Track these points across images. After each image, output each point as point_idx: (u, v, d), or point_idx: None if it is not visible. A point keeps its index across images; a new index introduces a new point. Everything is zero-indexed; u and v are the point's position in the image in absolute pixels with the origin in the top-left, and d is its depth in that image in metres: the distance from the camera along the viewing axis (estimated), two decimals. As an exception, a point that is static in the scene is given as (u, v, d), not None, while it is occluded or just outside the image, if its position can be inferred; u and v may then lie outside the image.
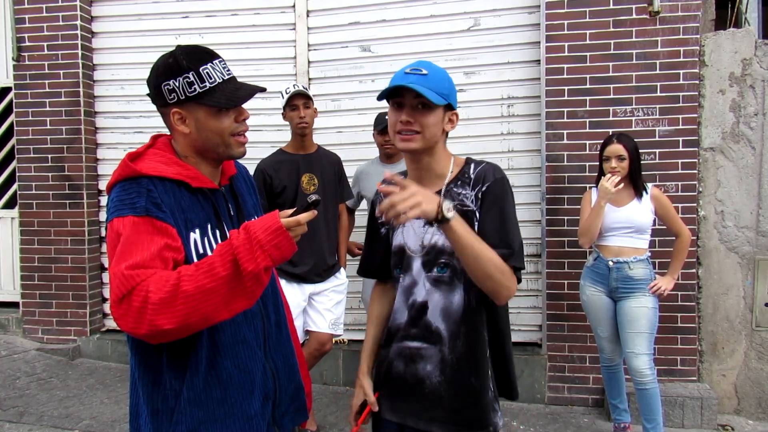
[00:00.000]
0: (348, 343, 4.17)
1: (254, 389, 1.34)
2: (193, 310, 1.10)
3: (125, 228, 1.18)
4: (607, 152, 2.99)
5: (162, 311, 1.09)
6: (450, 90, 1.60)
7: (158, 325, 1.09)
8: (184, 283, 1.11)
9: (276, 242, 1.15)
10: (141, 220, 1.19)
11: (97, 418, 3.43)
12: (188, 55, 1.30)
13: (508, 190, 1.54)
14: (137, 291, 1.10)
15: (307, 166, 3.18)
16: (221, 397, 1.28)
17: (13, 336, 4.62)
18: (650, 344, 2.93)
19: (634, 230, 2.97)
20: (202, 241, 1.28)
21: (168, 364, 1.26)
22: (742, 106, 3.55)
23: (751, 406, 3.61)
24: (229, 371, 1.29)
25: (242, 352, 1.32)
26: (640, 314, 2.92)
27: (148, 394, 1.29)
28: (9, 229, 4.83)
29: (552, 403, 3.74)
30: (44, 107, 4.42)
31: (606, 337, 3.11)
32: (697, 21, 3.54)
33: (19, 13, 4.42)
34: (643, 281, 2.95)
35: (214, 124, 1.31)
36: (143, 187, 1.22)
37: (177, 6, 4.38)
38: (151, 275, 1.12)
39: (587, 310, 3.18)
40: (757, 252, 3.56)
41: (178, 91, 1.29)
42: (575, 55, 3.65)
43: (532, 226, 3.91)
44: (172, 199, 1.25)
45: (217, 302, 1.12)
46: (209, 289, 1.11)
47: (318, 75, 4.22)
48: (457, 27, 4.00)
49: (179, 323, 1.10)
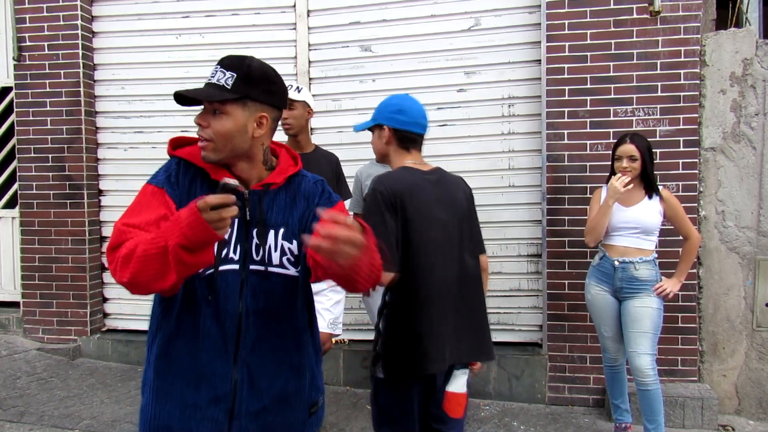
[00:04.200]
0: (348, 343, 4.17)
1: (200, 382, 1.36)
2: (139, 271, 1.21)
3: (143, 193, 1.37)
4: (619, 152, 2.96)
5: (125, 266, 1.22)
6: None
7: (121, 277, 1.23)
8: (140, 246, 1.21)
9: (189, 221, 1.15)
10: (157, 190, 1.36)
11: (97, 418, 3.44)
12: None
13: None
14: (125, 245, 1.24)
15: (306, 165, 3.14)
16: (165, 369, 1.39)
17: (14, 336, 4.62)
18: (654, 344, 2.91)
19: (641, 231, 2.94)
20: None
21: (158, 318, 1.43)
22: (742, 106, 3.54)
23: (752, 406, 3.60)
24: (178, 351, 1.38)
25: (200, 342, 1.36)
26: (645, 314, 2.89)
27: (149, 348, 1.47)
28: (9, 229, 4.83)
29: (552, 403, 3.74)
30: (45, 107, 4.42)
31: (610, 336, 3.09)
32: (697, 21, 3.53)
33: (20, 13, 4.42)
34: (648, 282, 2.92)
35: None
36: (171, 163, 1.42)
37: (177, 6, 4.38)
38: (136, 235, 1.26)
39: (591, 309, 3.16)
40: (758, 252, 3.56)
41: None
42: (576, 54, 3.65)
43: (532, 226, 3.91)
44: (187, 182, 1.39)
45: (156, 269, 1.20)
46: (151, 256, 1.20)
47: (318, 75, 4.22)
48: (457, 27, 4.00)
49: (130, 280, 1.22)
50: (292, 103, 3.11)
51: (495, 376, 3.81)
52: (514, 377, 3.81)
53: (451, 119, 4.04)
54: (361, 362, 4.05)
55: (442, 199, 2.06)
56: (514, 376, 3.80)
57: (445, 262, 2.02)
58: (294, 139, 3.17)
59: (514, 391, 3.81)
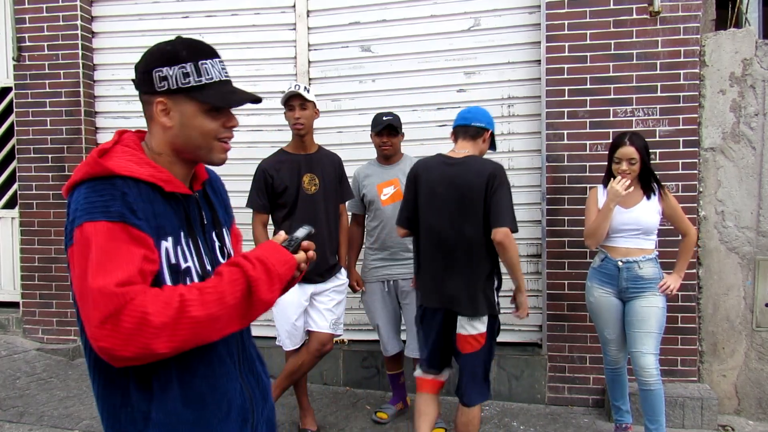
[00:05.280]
0: (348, 343, 4.17)
1: (231, 411, 1.24)
2: (195, 334, 1.06)
3: (98, 235, 1.05)
4: (619, 154, 2.91)
5: (161, 335, 1.02)
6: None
7: (152, 349, 1.01)
8: (192, 308, 1.05)
9: (288, 276, 1.17)
10: (116, 226, 1.06)
11: (97, 418, 3.43)
12: (189, 47, 1.23)
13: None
14: (128, 311, 1.00)
15: (308, 166, 3.18)
16: (193, 419, 1.19)
17: (13, 336, 4.62)
18: (658, 344, 2.89)
19: (642, 232, 2.92)
20: (174, 250, 1.18)
21: (135, 383, 1.16)
22: (742, 106, 3.55)
23: (752, 406, 3.61)
24: (200, 391, 1.20)
25: (217, 371, 1.23)
26: (650, 314, 2.87)
27: (113, 416, 1.18)
28: (9, 229, 4.83)
29: (552, 404, 3.74)
30: (44, 107, 4.42)
31: (613, 339, 3.05)
32: (697, 21, 3.54)
33: (20, 13, 4.42)
34: (653, 280, 2.91)
35: (200, 123, 1.22)
36: (118, 189, 1.09)
37: (177, 6, 4.38)
38: (142, 293, 1.03)
39: (594, 312, 3.10)
40: (758, 252, 3.56)
41: (170, 80, 1.19)
42: (576, 55, 3.65)
43: (532, 226, 3.91)
44: (147, 204, 1.13)
45: (218, 328, 1.09)
46: (217, 317, 1.08)
47: (318, 75, 4.22)
48: (457, 27, 4.00)
49: (176, 348, 1.04)
50: (305, 103, 3.12)
51: (495, 376, 3.80)
52: (514, 377, 3.81)
53: (451, 119, 3.97)
54: (361, 362, 4.06)
55: (449, 179, 2.60)
56: (513, 376, 3.81)
57: (442, 226, 2.61)
58: (301, 139, 3.17)
59: (513, 392, 3.82)
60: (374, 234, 3.40)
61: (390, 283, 3.37)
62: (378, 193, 3.36)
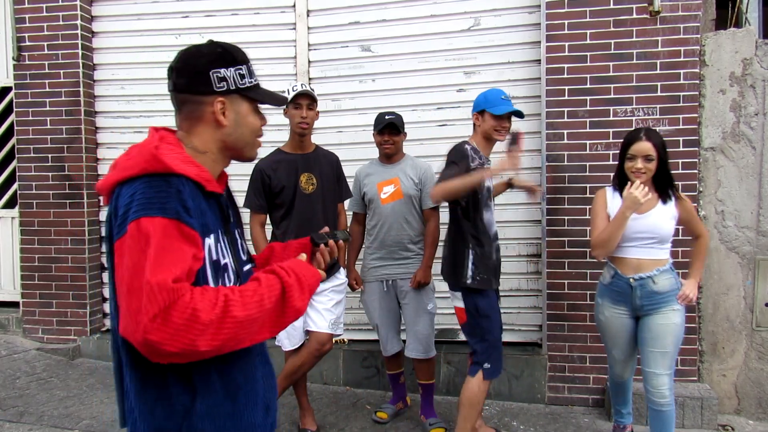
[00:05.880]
0: (348, 343, 4.18)
1: (258, 399, 1.30)
2: (234, 335, 1.08)
3: (156, 231, 1.06)
4: (633, 150, 2.60)
5: (206, 332, 1.03)
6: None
7: (196, 346, 1.03)
8: (234, 308, 1.07)
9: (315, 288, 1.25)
10: (171, 223, 1.08)
11: (97, 418, 3.43)
12: (236, 49, 1.29)
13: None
14: (179, 306, 1.02)
15: (306, 165, 3.18)
16: (231, 410, 1.23)
17: (13, 336, 4.63)
18: (673, 363, 2.63)
19: (656, 240, 2.62)
20: (215, 247, 1.22)
21: (175, 377, 1.17)
22: (742, 106, 3.54)
23: (752, 406, 3.60)
24: (237, 382, 1.24)
25: (248, 361, 1.29)
26: (667, 332, 2.59)
27: (148, 411, 1.18)
28: (9, 229, 4.83)
29: (552, 403, 3.74)
30: (44, 107, 4.43)
31: (622, 359, 2.83)
32: (697, 21, 3.53)
33: (19, 13, 4.42)
34: (670, 293, 2.62)
35: (252, 121, 1.32)
36: (173, 186, 1.11)
37: (177, 6, 4.38)
38: (190, 291, 1.05)
39: (604, 331, 2.84)
40: (758, 252, 3.56)
41: (229, 81, 1.25)
42: (575, 54, 3.65)
43: (532, 226, 3.91)
44: (195, 202, 1.16)
45: (253, 331, 1.12)
46: (255, 319, 1.11)
47: (318, 75, 4.22)
48: (457, 27, 4.00)
49: (215, 348, 1.06)
50: (312, 104, 3.13)
51: (495, 376, 3.81)
52: (514, 377, 3.81)
53: (451, 119, 4.04)
54: (361, 362, 4.06)
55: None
56: (513, 375, 3.80)
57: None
58: (300, 138, 3.17)
59: (513, 391, 3.81)
60: (373, 233, 3.40)
61: (389, 283, 3.37)
62: (378, 191, 3.36)
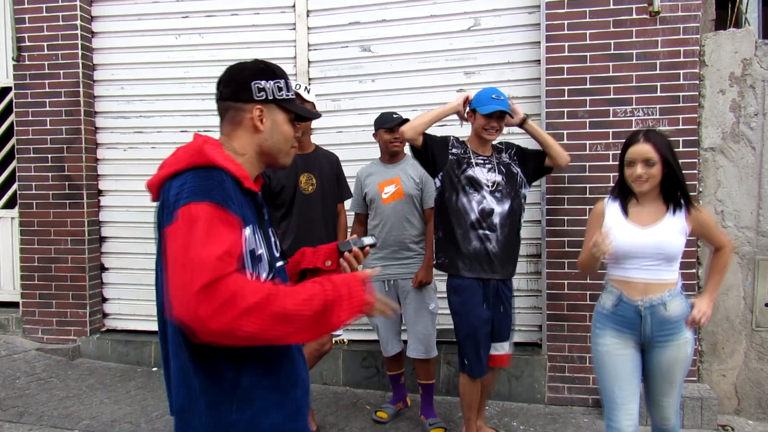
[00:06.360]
0: (348, 343, 4.17)
1: (298, 381, 1.39)
2: (275, 325, 1.13)
3: (204, 214, 1.15)
4: (631, 154, 2.22)
5: (249, 315, 1.09)
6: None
7: (238, 327, 1.08)
8: (284, 298, 1.15)
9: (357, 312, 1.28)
10: (217, 208, 1.18)
11: (97, 418, 3.43)
12: (276, 67, 1.46)
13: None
14: (225, 284, 1.09)
15: (306, 165, 3.18)
16: (274, 385, 1.32)
17: (13, 336, 4.62)
18: (681, 390, 2.36)
19: (663, 259, 2.22)
20: (253, 238, 1.32)
21: (223, 354, 1.25)
22: (742, 106, 3.55)
23: (751, 406, 3.61)
24: (279, 359, 1.33)
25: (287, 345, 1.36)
26: (678, 366, 2.28)
27: (203, 387, 1.25)
28: (9, 229, 4.83)
29: (552, 403, 3.74)
30: (44, 107, 4.42)
31: (624, 405, 2.27)
32: (697, 21, 3.54)
33: (19, 13, 4.43)
34: (681, 320, 2.25)
35: (287, 130, 1.44)
36: (216, 178, 1.23)
37: (177, 6, 4.38)
38: (238, 273, 1.13)
39: (605, 366, 2.32)
40: (758, 252, 3.56)
41: (268, 91, 1.40)
42: (575, 55, 3.65)
43: (532, 226, 3.91)
44: (236, 194, 1.27)
45: (292, 329, 1.16)
46: (300, 316, 1.16)
47: (318, 75, 4.23)
48: (457, 27, 4.01)
49: (254, 334, 1.11)
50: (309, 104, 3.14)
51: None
52: (514, 377, 3.81)
53: (451, 119, 4.02)
54: (361, 362, 4.06)
55: None
56: (513, 376, 3.80)
57: None
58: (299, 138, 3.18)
59: (513, 391, 3.82)
60: (374, 233, 3.40)
61: (390, 283, 3.37)
62: (379, 191, 3.36)
